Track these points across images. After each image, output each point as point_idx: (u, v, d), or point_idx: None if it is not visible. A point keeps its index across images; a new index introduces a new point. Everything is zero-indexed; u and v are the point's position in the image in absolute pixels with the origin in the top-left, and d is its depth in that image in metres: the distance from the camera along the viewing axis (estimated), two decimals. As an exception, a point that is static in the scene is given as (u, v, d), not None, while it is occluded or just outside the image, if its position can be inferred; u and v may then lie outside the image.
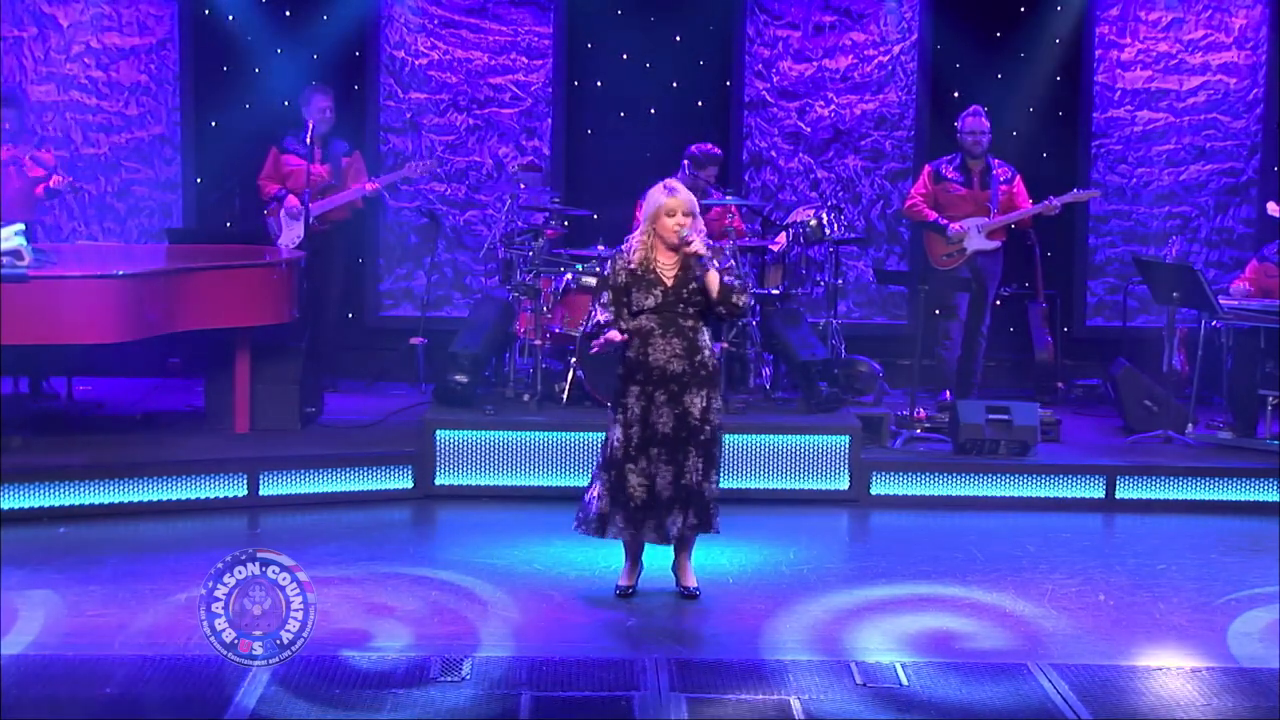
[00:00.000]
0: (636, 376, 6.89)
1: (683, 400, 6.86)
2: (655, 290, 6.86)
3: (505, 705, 5.73)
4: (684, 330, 6.88)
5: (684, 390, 6.86)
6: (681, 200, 6.86)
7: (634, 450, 6.89)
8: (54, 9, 11.07)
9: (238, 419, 9.23)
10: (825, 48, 11.41)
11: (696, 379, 6.87)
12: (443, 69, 11.34)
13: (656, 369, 6.85)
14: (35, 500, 8.23)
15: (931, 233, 10.35)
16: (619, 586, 7.10)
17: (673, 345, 6.86)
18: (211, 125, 11.17)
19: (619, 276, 6.91)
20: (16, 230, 8.30)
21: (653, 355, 6.86)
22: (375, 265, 11.44)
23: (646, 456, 6.88)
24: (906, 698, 5.87)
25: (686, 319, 6.89)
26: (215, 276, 8.96)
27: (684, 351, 6.86)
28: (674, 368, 6.85)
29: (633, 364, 6.91)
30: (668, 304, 6.87)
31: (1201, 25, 11.45)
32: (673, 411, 6.86)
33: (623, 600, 7.03)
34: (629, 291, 6.89)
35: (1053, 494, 9.04)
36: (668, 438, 6.87)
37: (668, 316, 6.87)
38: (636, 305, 6.89)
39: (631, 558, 7.12)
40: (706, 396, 6.90)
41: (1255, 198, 11.46)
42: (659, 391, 6.86)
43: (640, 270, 6.88)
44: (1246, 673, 6.18)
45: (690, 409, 6.87)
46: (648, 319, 6.88)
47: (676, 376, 6.85)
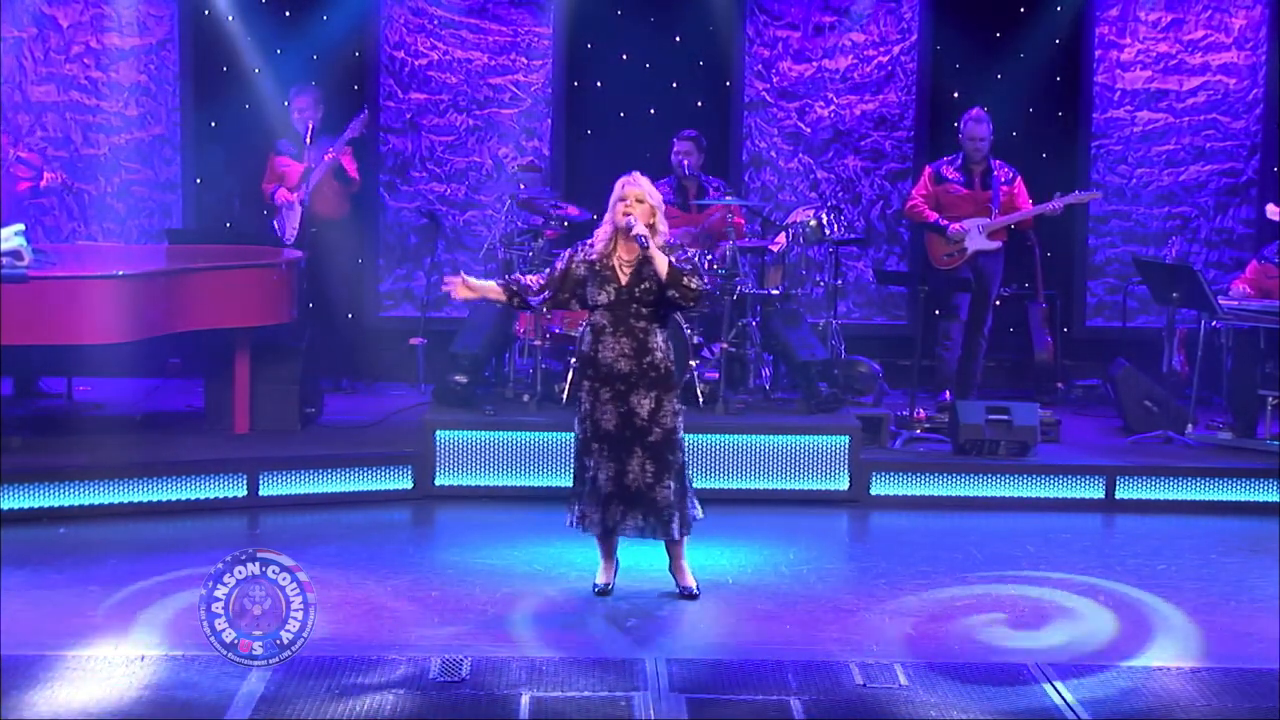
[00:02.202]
0: (587, 372, 6.92)
1: (629, 400, 6.84)
2: (609, 286, 6.85)
3: (505, 705, 5.73)
4: (634, 330, 6.85)
5: (630, 390, 6.84)
6: (635, 189, 6.87)
7: (589, 442, 6.93)
8: (54, 9, 11.07)
9: (238, 419, 9.23)
10: (825, 48, 11.41)
11: (645, 380, 6.84)
12: (443, 69, 11.33)
13: (604, 366, 6.86)
14: (35, 500, 8.24)
15: (932, 233, 10.35)
16: (595, 585, 7.09)
17: (621, 344, 6.84)
18: (211, 125, 11.17)
19: (578, 268, 6.91)
20: (16, 230, 8.31)
21: (602, 352, 6.86)
22: (375, 265, 11.43)
23: (596, 451, 6.90)
24: (906, 698, 5.87)
25: (639, 319, 6.86)
26: (215, 276, 8.97)
27: (633, 351, 6.84)
28: (621, 367, 6.84)
29: (585, 359, 6.95)
30: (620, 302, 6.85)
31: (1201, 25, 11.44)
32: (617, 410, 6.85)
33: (604, 599, 7.00)
34: (584, 285, 6.88)
35: (1053, 494, 9.04)
36: (610, 435, 6.86)
37: (619, 314, 6.85)
38: (591, 300, 6.89)
39: (603, 554, 7.13)
40: (656, 399, 6.86)
41: (1255, 198, 11.45)
42: (604, 389, 6.86)
43: (599, 264, 6.88)
44: (1246, 673, 6.17)
45: (636, 409, 6.84)
46: (601, 315, 6.88)
47: (623, 376, 6.84)
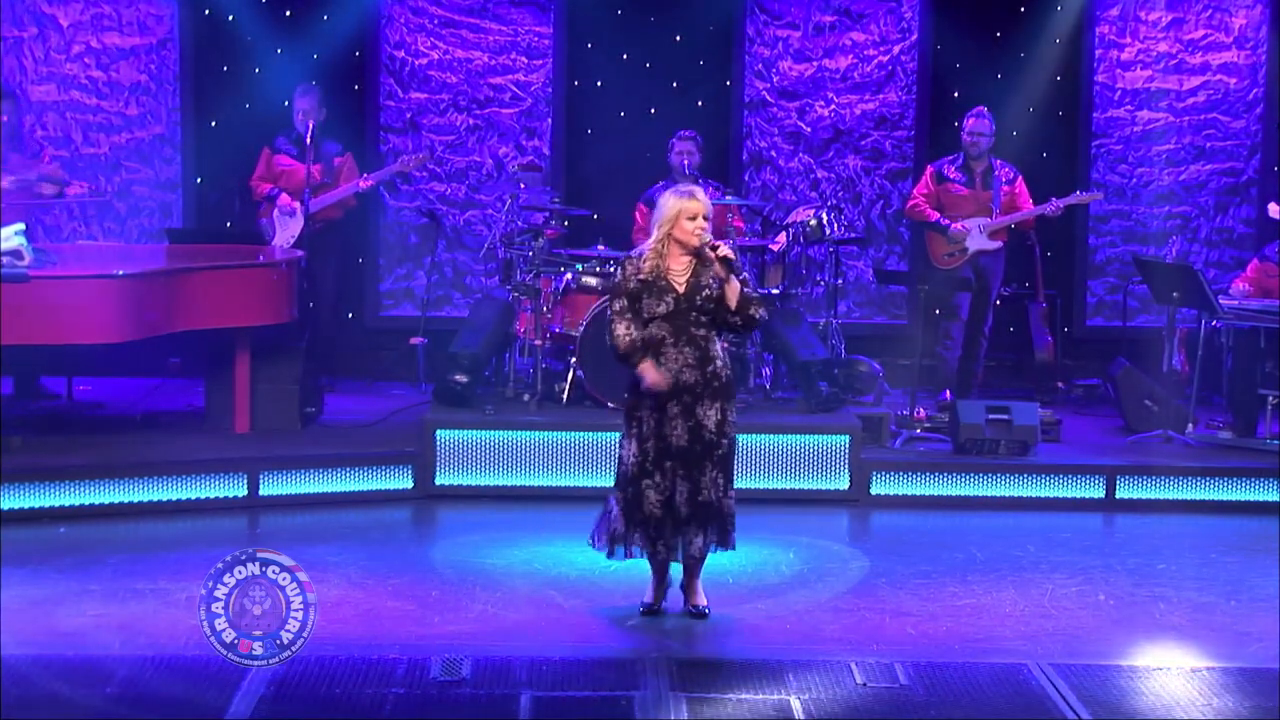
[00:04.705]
0: (649, 389, 6.63)
1: (695, 413, 6.60)
2: (667, 297, 6.59)
3: (505, 705, 5.72)
4: (696, 339, 6.61)
5: (697, 402, 6.60)
6: (702, 203, 6.62)
7: (650, 465, 6.63)
8: (54, 9, 11.07)
9: (238, 419, 9.23)
10: (825, 48, 11.41)
11: (709, 390, 6.63)
12: (443, 69, 11.33)
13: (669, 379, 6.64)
14: (35, 500, 8.23)
15: (933, 232, 10.36)
16: (644, 604, 6.85)
17: (685, 355, 6.60)
18: (211, 125, 11.17)
19: (629, 283, 6.66)
20: (16, 230, 8.31)
21: (664, 366, 6.58)
22: (375, 265, 11.43)
23: (662, 471, 6.63)
24: (906, 698, 5.86)
25: (699, 328, 6.63)
26: (215, 276, 8.97)
27: (696, 362, 6.61)
28: (686, 378, 6.60)
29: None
30: (679, 311, 6.60)
31: (1201, 25, 11.45)
32: (686, 424, 6.60)
33: (644, 616, 6.83)
34: (639, 298, 6.64)
35: (1053, 494, 9.04)
36: (683, 451, 6.61)
37: (679, 325, 6.60)
38: (647, 312, 6.62)
39: (657, 575, 6.85)
40: (720, 409, 6.65)
41: (1255, 198, 11.46)
42: (672, 403, 6.59)
43: (651, 278, 6.63)
44: (1246, 673, 6.17)
45: (704, 422, 6.63)
46: (659, 327, 6.61)
47: (689, 388, 6.60)
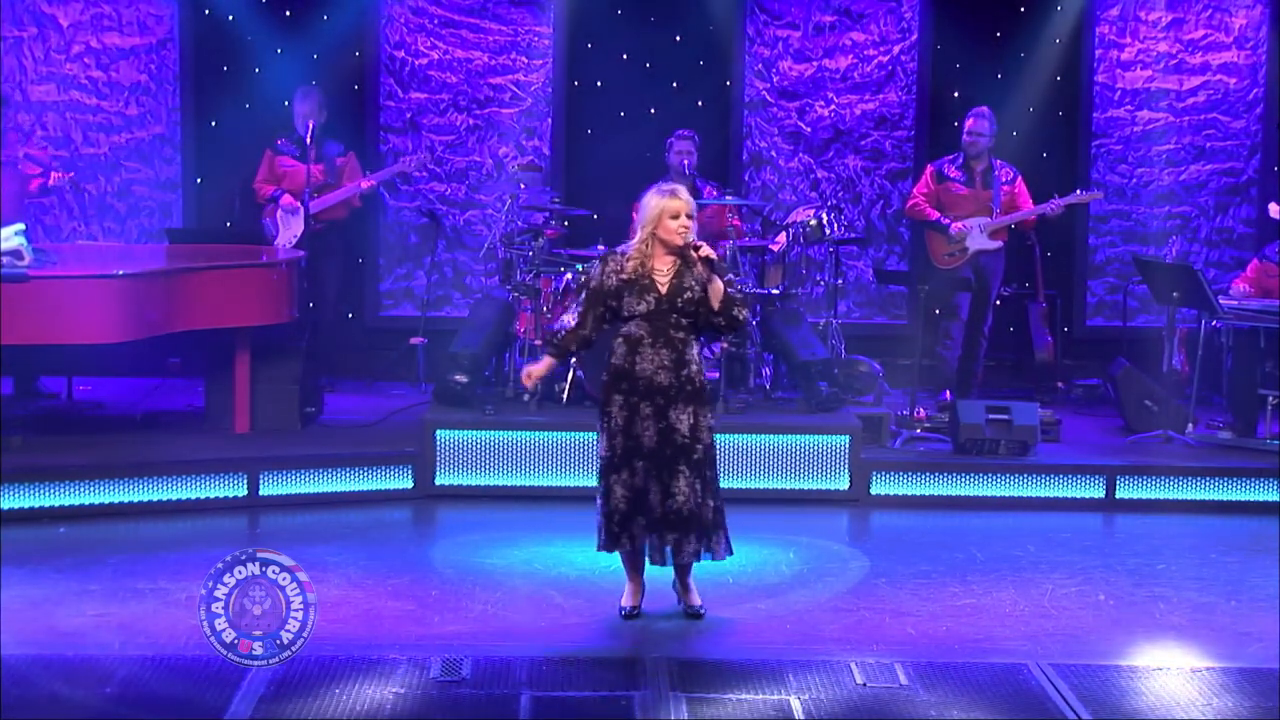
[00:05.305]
0: (621, 385, 6.56)
1: (668, 415, 6.53)
2: (648, 296, 6.53)
3: (505, 705, 5.72)
4: (674, 341, 6.55)
5: (670, 404, 6.54)
6: (684, 201, 6.56)
7: (619, 461, 6.56)
8: (54, 9, 11.07)
9: (238, 419, 9.23)
10: (825, 48, 11.41)
11: (683, 394, 6.56)
12: (443, 69, 11.33)
13: (643, 379, 6.53)
14: (35, 500, 8.23)
15: (933, 232, 10.35)
16: (622, 608, 6.80)
17: (661, 356, 6.54)
18: (211, 125, 11.17)
19: (609, 280, 6.59)
20: (16, 230, 8.31)
21: (639, 364, 6.54)
22: (375, 265, 11.43)
23: (631, 469, 6.56)
24: (906, 698, 5.86)
25: (678, 330, 6.56)
26: (215, 276, 8.97)
27: (671, 364, 6.54)
28: (660, 379, 6.54)
29: (618, 371, 6.58)
30: (660, 311, 6.53)
31: (1201, 25, 11.45)
32: (657, 426, 6.53)
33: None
34: (620, 295, 6.58)
35: (1053, 494, 9.04)
36: (654, 452, 6.54)
37: (658, 325, 6.54)
38: (627, 310, 6.57)
39: (630, 575, 6.80)
40: (694, 414, 6.58)
41: (1255, 198, 11.46)
42: (644, 403, 6.54)
43: (634, 276, 6.57)
44: (1246, 673, 6.17)
45: (676, 425, 6.54)
46: (637, 325, 6.55)
47: (663, 389, 6.54)
